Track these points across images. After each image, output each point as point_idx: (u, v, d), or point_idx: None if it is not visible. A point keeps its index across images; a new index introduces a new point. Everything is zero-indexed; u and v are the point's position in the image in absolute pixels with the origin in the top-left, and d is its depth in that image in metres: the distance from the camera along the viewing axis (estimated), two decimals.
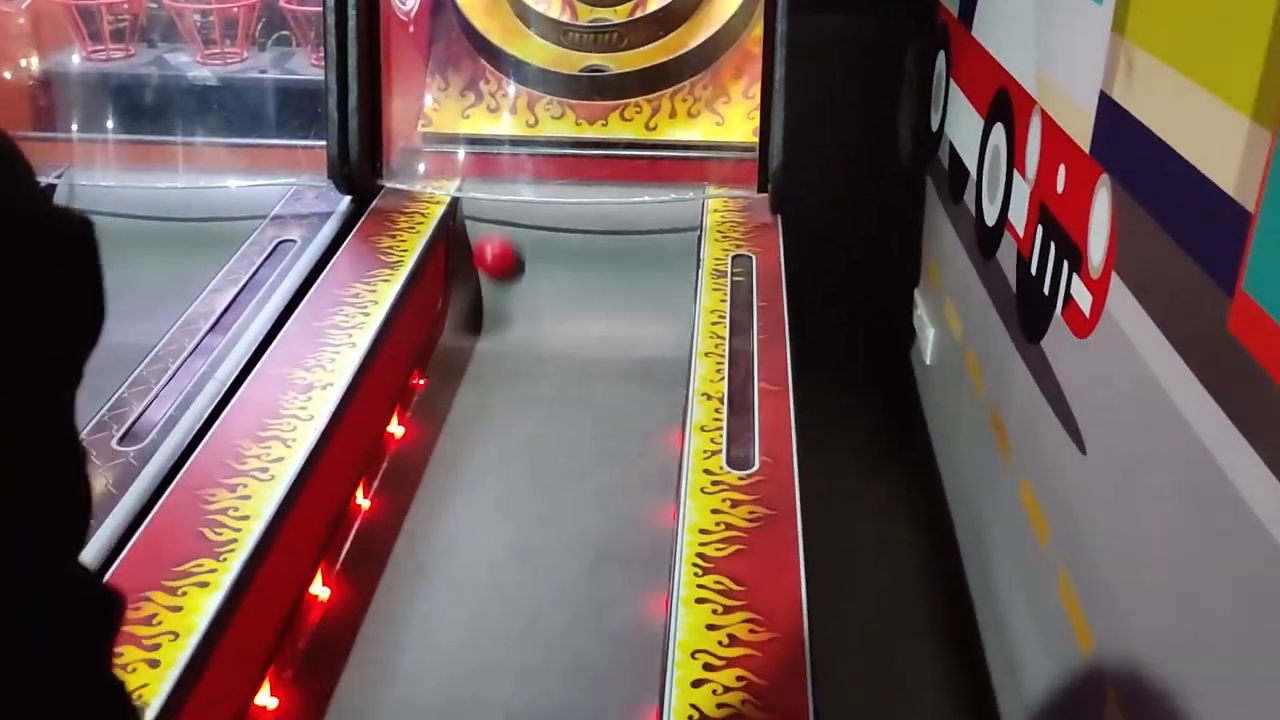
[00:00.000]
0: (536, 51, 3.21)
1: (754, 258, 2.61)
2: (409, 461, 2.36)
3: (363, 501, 2.22)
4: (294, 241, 2.62)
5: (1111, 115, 1.77)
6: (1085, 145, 1.89)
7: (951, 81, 3.10)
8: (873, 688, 2.44)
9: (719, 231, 2.73)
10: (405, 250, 2.61)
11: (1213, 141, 1.39)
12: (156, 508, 1.72)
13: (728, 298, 2.43)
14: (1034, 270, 2.17)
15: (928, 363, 3.24)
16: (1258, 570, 1.19)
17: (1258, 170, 1.23)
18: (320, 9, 2.97)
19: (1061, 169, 2.03)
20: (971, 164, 2.79)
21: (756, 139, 3.04)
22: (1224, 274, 1.31)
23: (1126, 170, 1.70)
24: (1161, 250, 1.53)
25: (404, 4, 3.05)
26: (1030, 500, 2.14)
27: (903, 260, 3.56)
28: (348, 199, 2.83)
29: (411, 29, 3.12)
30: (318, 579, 1.97)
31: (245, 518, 1.70)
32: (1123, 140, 1.72)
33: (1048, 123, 2.14)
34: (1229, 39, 1.36)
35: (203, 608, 1.52)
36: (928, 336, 3.24)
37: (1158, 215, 1.57)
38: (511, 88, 3.20)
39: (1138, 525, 1.58)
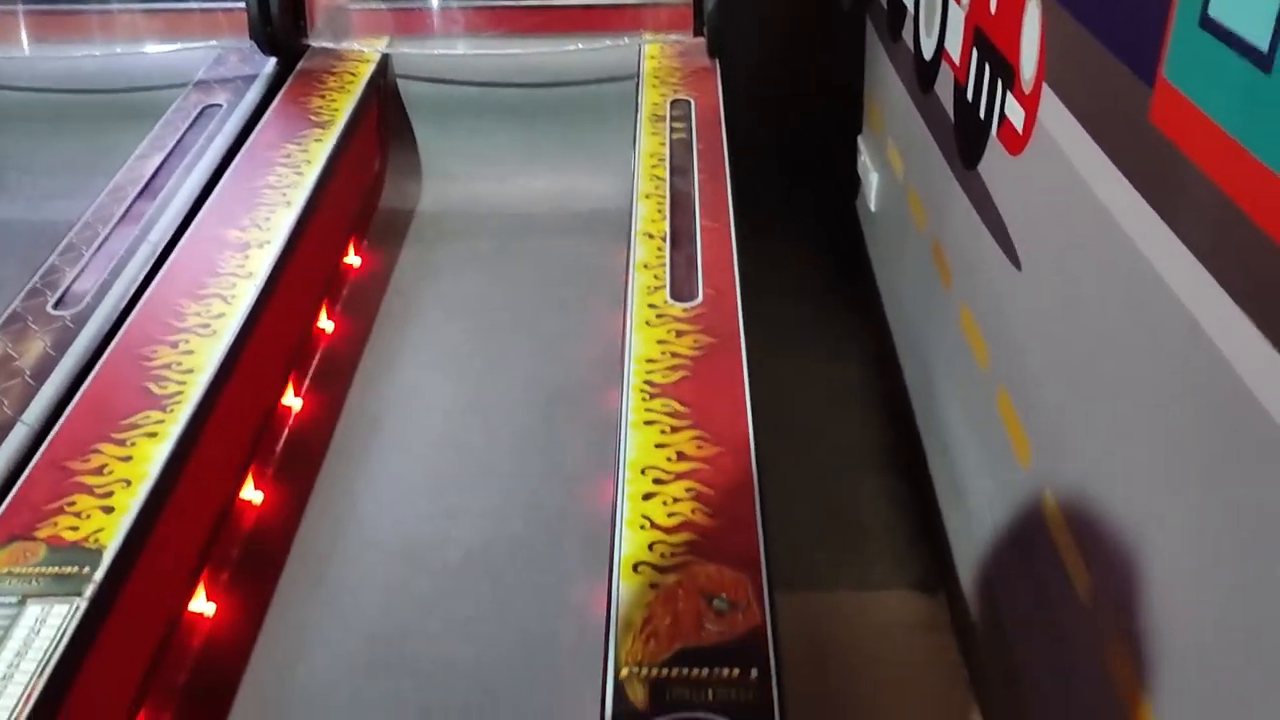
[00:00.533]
0: None
1: (692, 101, 2.58)
2: (354, 324, 2.36)
3: (309, 360, 2.22)
4: (219, 106, 2.55)
5: None
6: None
7: None
8: (821, 513, 2.52)
9: (656, 77, 2.69)
10: (336, 110, 2.55)
11: None
12: (99, 366, 1.71)
13: (667, 141, 2.41)
14: (970, 95, 2.17)
15: (872, 209, 3.26)
16: (1185, 362, 1.23)
17: None
18: None
19: None
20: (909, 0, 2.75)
21: None
22: (1144, 65, 1.32)
23: None
24: (1087, 53, 1.53)
25: None
26: (970, 324, 2.18)
27: (845, 107, 3.54)
28: (273, 61, 2.74)
29: None
30: (269, 434, 1.98)
31: (190, 371, 1.70)
32: None
33: None
34: None
35: (153, 456, 1.53)
36: (871, 182, 3.24)
37: (1083, 19, 1.57)
38: None
39: (1072, 334, 1.62)
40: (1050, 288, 1.73)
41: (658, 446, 1.55)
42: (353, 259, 2.54)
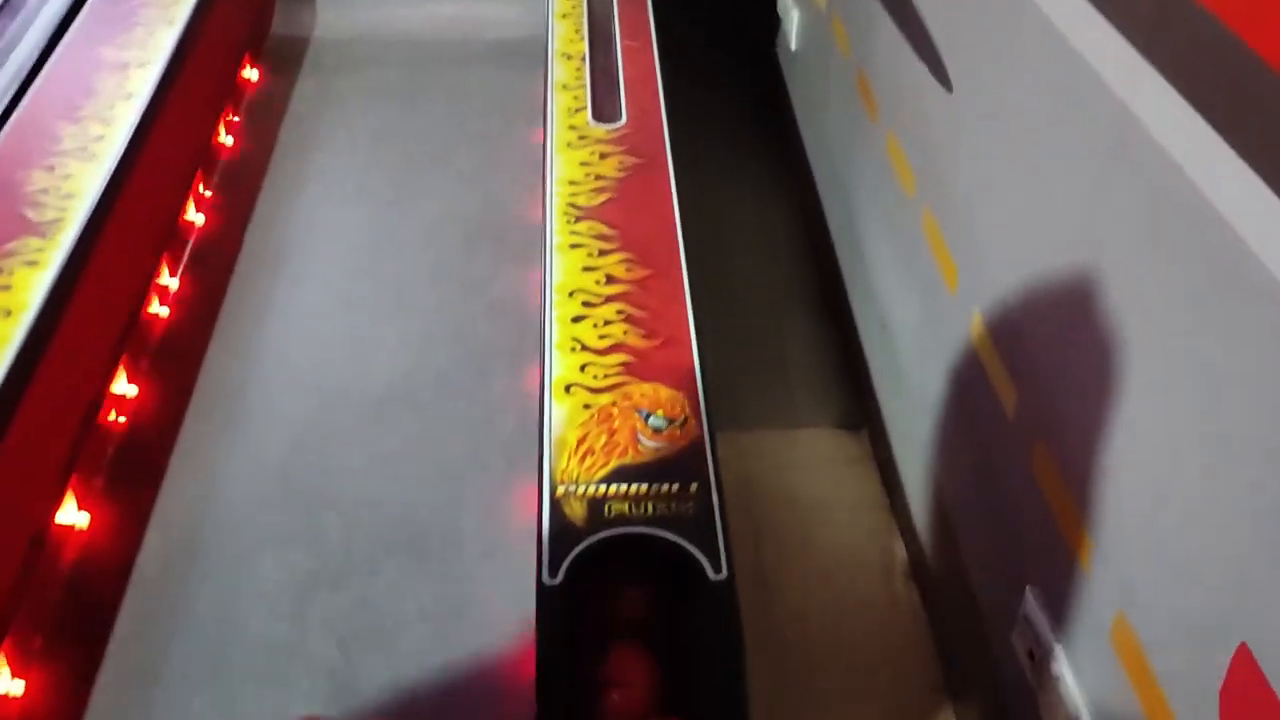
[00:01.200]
0: None
1: None
2: (250, 154, 2.19)
3: (205, 191, 2.06)
4: None
5: None
6: None
7: None
8: (744, 354, 2.50)
9: None
10: None
11: None
12: None
13: None
14: None
15: (793, 48, 3.15)
16: (1126, 163, 1.20)
17: None
18: None
19: None
20: None
21: None
22: None
23: None
24: None
25: None
26: (896, 151, 2.13)
27: None
28: None
29: None
30: (162, 271, 1.84)
31: (69, 196, 1.55)
32: None
33: None
34: None
35: (35, 285, 1.40)
36: (792, 20, 3.13)
37: None
38: None
39: (1003, 150, 1.58)
40: (982, 105, 1.68)
41: (585, 270, 1.48)
42: (246, 81, 2.35)
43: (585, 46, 1.95)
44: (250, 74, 2.39)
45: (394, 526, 1.52)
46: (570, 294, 1.44)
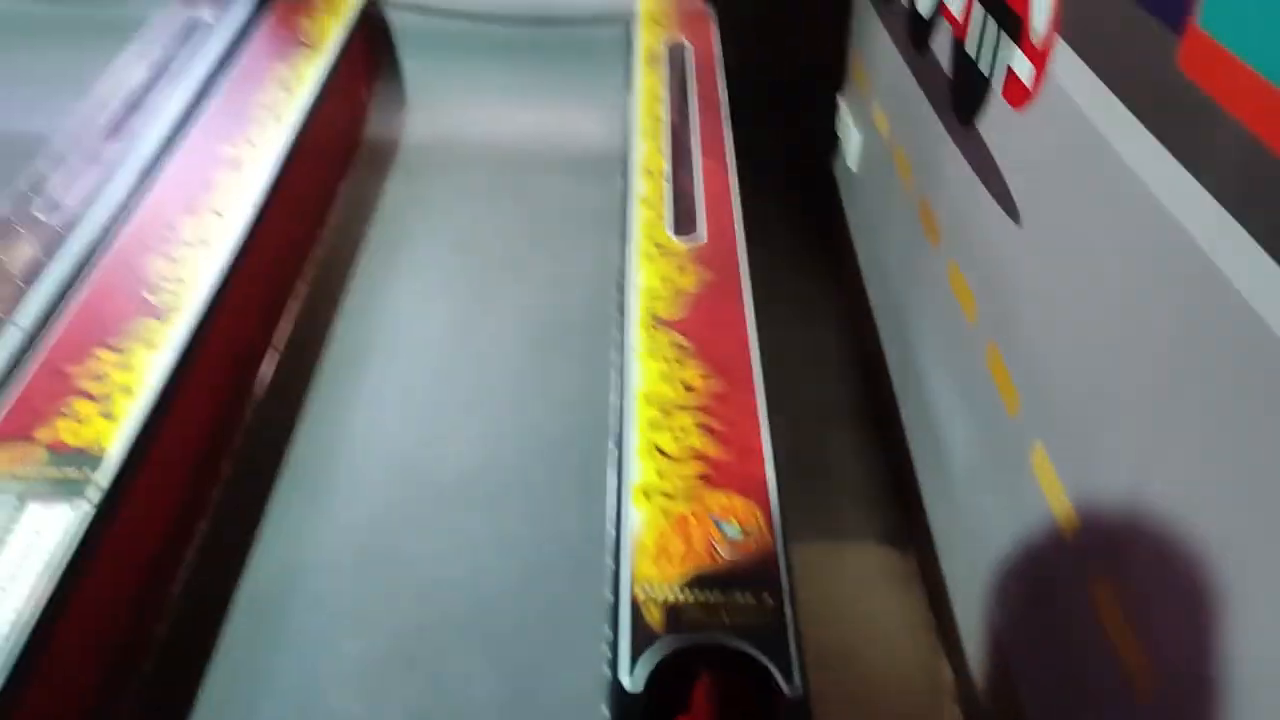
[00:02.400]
0: None
1: (689, 45, 2.56)
2: (343, 249, 2.31)
3: (300, 285, 2.18)
4: (205, 22, 2.47)
5: None
6: None
7: None
8: (794, 466, 2.54)
9: (653, 19, 2.67)
10: (324, 32, 2.49)
11: None
12: (93, 274, 1.66)
13: (665, 81, 2.39)
14: (971, 50, 2.18)
15: (852, 169, 3.27)
16: (1198, 300, 1.26)
17: None
18: None
19: None
20: None
21: None
22: (1172, 12, 1.33)
23: None
24: (1108, 5, 1.55)
25: None
26: (958, 280, 2.21)
27: (828, 68, 3.54)
28: None
29: None
30: (266, 354, 1.95)
31: (182, 281, 1.66)
32: None
33: None
34: None
35: (152, 365, 1.49)
36: (852, 141, 3.25)
37: None
38: None
39: (1073, 280, 1.65)
40: (1051, 241, 1.75)
41: (664, 378, 1.55)
42: (343, 179, 2.49)
43: (666, 164, 2.06)
44: (347, 171, 2.53)
45: (466, 613, 1.58)
46: (649, 400, 1.51)
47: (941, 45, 2.40)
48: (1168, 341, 1.34)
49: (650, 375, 1.55)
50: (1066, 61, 1.69)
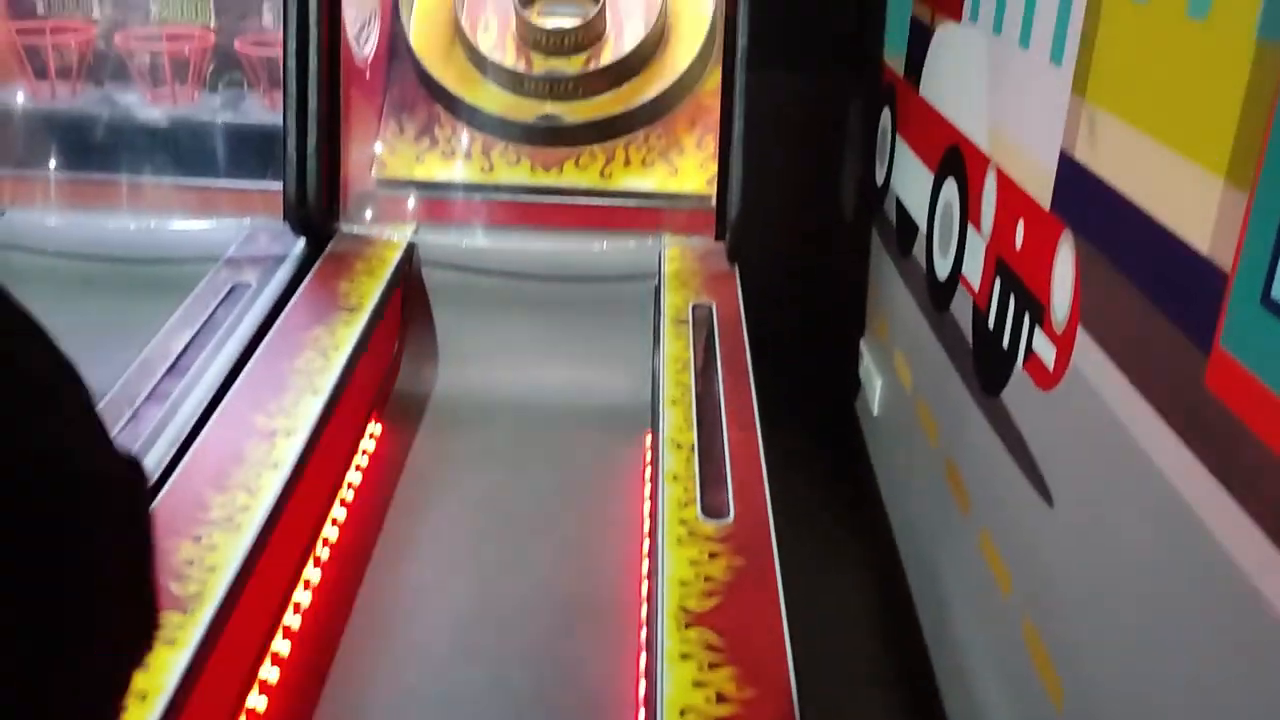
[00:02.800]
0: (492, 99, 3.22)
1: (714, 306, 2.63)
2: (368, 510, 2.32)
3: (323, 552, 2.17)
4: (249, 285, 2.57)
5: (1073, 174, 1.83)
6: (1045, 202, 1.95)
7: (898, 137, 3.18)
8: None
9: (678, 280, 2.76)
10: (363, 295, 2.58)
11: (1184, 202, 1.45)
12: None
13: (691, 346, 2.44)
14: (991, 324, 2.23)
15: (875, 413, 3.29)
16: (1234, 618, 1.23)
17: (1233, 231, 1.29)
18: (277, 54, 2.95)
19: (1020, 224, 2.09)
20: (921, 219, 2.85)
21: (710, 190, 3.09)
22: (1200, 331, 1.36)
23: (1091, 227, 1.76)
24: (1131, 305, 1.58)
25: (361, 50, 3.04)
26: (990, 550, 2.17)
27: (849, 312, 3.63)
28: (303, 242, 2.79)
29: (368, 75, 3.11)
30: (280, 633, 1.92)
31: (212, 569, 1.65)
32: (1087, 198, 1.78)
33: (1003, 180, 2.20)
34: (1199, 102, 1.42)
35: (170, 666, 1.46)
36: (875, 386, 3.29)
37: (1126, 271, 1.62)
38: (466, 134, 3.20)
39: (1108, 574, 1.61)
40: (1084, 526, 1.73)
41: (696, 685, 1.50)
42: (368, 444, 2.52)
43: (694, 436, 2.07)
44: (374, 429, 2.56)
45: None
46: (681, 712, 1.46)
47: (961, 309, 2.45)
48: (1205, 657, 1.30)
49: (681, 681, 1.50)
50: (1090, 354, 1.71)
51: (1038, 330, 1.96)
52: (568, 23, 3.30)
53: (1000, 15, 2.25)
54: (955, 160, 2.57)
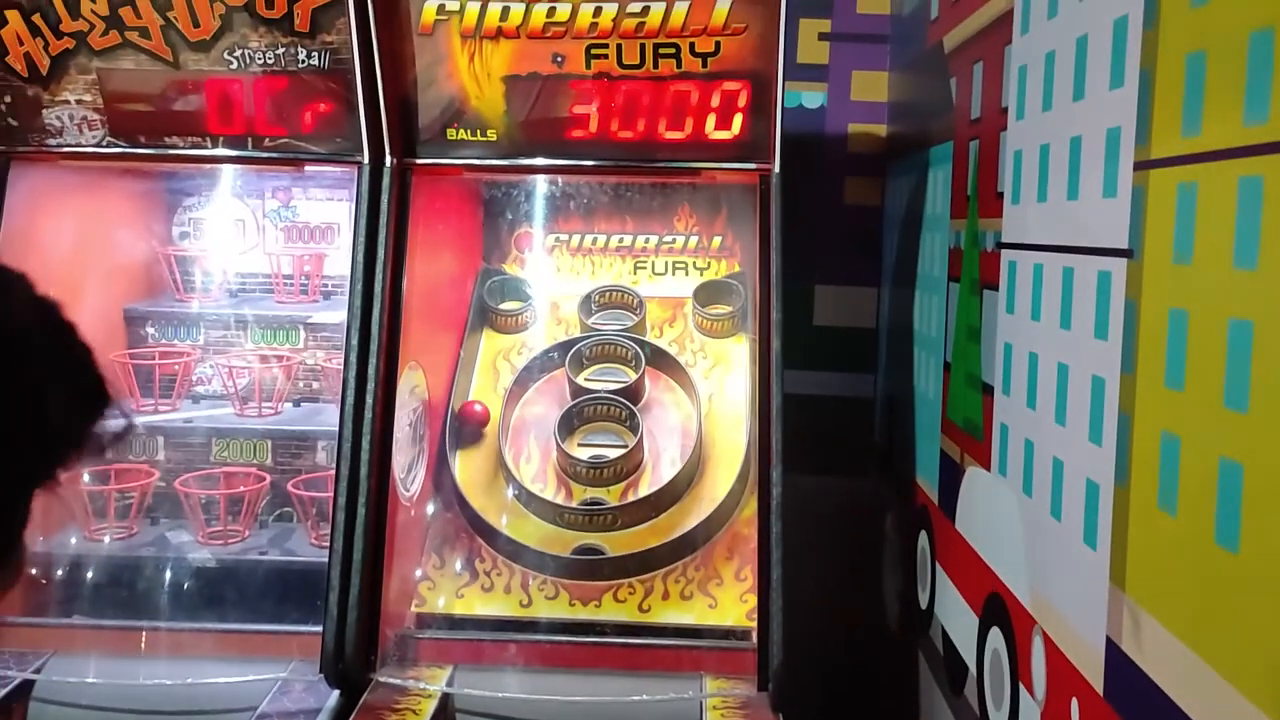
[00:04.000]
0: (531, 531, 3.28)
1: None
2: None
3: None
4: None
5: (1123, 667, 1.78)
6: (1098, 686, 1.89)
7: (937, 565, 3.18)
8: None
9: None
10: None
11: None
12: None
13: None
14: None
15: None
16: None
17: None
18: (326, 495, 3.07)
19: (1074, 704, 2.02)
20: (970, 659, 2.78)
21: (750, 623, 3.05)
22: None
23: None
24: None
25: (408, 490, 3.15)
26: None
27: None
28: (336, 694, 2.75)
29: (413, 512, 3.20)
30: None
31: None
32: (1141, 697, 1.72)
33: (1052, 648, 2.16)
34: (1242, 625, 1.40)
35: None
36: None
37: None
38: (506, 567, 3.23)
39: None
40: None
41: None
42: None
43: None
44: None
45: None
46: None
47: None
48: None
49: None
50: None
51: None
52: (608, 453, 3.42)
53: (1029, 479, 2.30)
54: (999, 609, 2.54)
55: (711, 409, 3.46)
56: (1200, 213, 1.52)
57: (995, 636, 2.57)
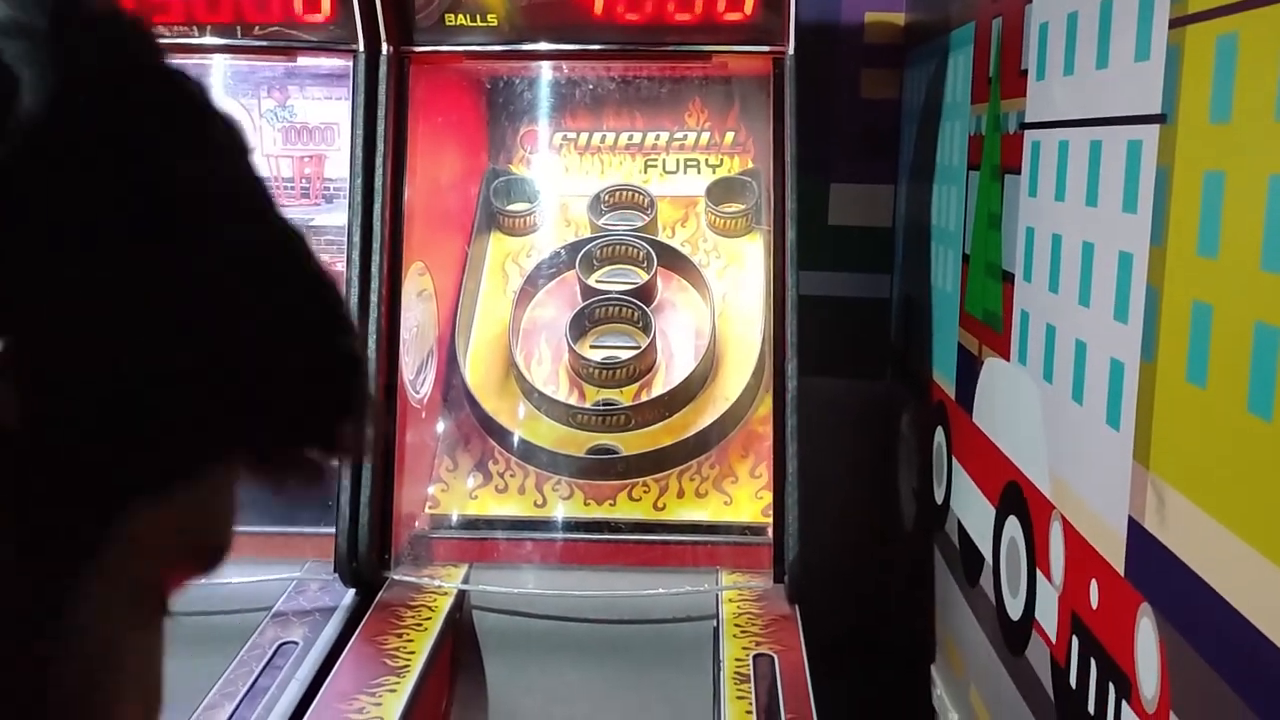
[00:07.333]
0: (545, 432, 3.26)
1: (776, 658, 2.51)
2: None
3: None
4: (296, 643, 2.52)
5: (1146, 545, 1.75)
6: (1119, 566, 1.87)
7: (954, 460, 3.15)
8: None
9: (737, 625, 2.66)
10: (411, 653, 2.51)
11: (1262, 599, 1.36)
12: None
13: (754, 705, 2.31)
14: (1073, 683, 2.09)
15: None
16: None
17: None
18: None
19: (1094, 585, 1.99)
20: (986, 550, 2.76)
21: (765, 519, 3.04)
22: None
23: (1172, 606, 1.67)
24: (1225, 705, 1.46)
25: (417, 393, 3.13)
26: None
27: (916, 635, 3.47)
28: (352, 592, 2.76)
29: (424, 415, 3.18)
30: None
31: None
32: (1163, 573, 1.69)
33: (1071, 532, 2.13)
34: (1275, 493, 1.36)
35: None
36: (951, 717, 3.09)
37: (1215, 664, 1.51)
38: (519, 469, 3.22)
39: None
40: None
41: None
42: None
43: None
44: None
45: None
46: None
47: (1038, 658, 2.31)
48: None
49: None
50: None
51: (1125, 705, 1.83)
52: (620, 354, 3.38)
53: (1049, 366, 2.25)
54: (1017, 498, 2.51)
55: (725, 308, 3.40)
56: (1240, 65, 1.44)
57: (1012, 525, 2.55)
